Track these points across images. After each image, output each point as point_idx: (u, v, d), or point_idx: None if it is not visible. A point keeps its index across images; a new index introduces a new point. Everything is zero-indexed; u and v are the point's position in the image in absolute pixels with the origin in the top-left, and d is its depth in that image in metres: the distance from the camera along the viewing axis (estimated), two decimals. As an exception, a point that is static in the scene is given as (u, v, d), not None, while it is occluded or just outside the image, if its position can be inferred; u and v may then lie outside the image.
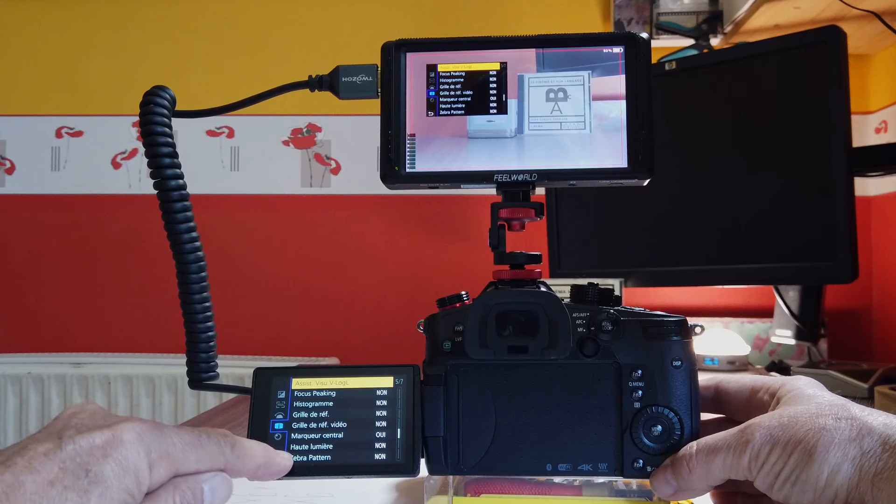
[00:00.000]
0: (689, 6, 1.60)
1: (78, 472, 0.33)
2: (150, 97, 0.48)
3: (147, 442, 0.36)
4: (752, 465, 0.40)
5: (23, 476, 0.32)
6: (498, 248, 0.47)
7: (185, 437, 0.38)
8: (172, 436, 0.38)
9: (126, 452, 0.35)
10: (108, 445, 0.35)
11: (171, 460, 0.37)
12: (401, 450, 0.45)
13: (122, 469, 0.34)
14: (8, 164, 1.83)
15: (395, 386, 0.47)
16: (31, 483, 0.32)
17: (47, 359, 1.66)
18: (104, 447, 0.34)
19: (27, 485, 0.32)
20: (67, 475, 0.33)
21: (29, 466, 0.32)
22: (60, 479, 0.33)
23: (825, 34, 0.99)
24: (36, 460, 0.33)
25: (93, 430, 0.35)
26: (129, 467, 0.35)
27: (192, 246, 0.48)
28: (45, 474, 0.32)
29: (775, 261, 1.05)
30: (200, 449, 0.38)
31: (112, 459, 0.34)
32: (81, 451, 0.34)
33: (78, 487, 0.33)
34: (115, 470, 0.34)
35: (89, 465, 0.34)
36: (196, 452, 0.38)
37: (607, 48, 0.47)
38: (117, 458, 0.34)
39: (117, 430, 0.35)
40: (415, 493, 0.57)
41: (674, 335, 0.46)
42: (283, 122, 1.79)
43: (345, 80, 0.49)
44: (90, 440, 0.34)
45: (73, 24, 1.82)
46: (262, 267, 1.78)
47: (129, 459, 0.35)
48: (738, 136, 1.11)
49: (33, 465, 0.33)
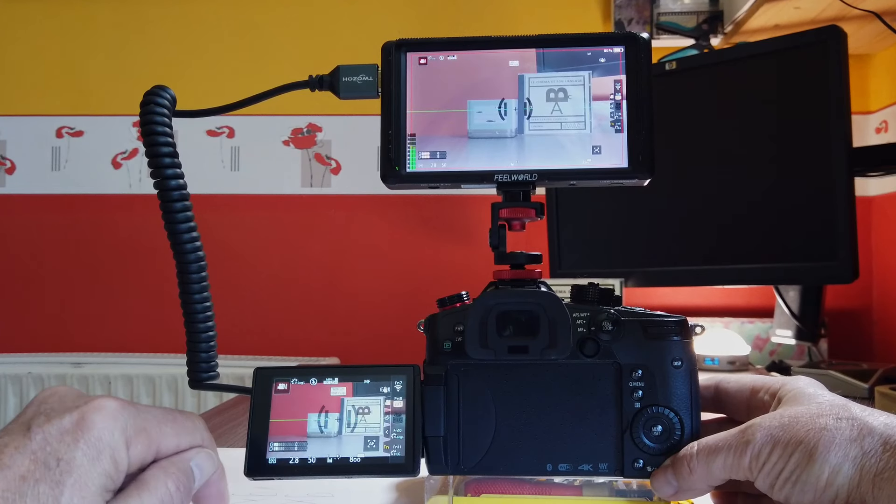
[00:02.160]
0: (689, 6, 1.60)
1: (49, 461, 0.32)
2: (151, 97, 0.48)
3: (121, 419, 0.35)
4: (753, 465, 0.40)
5: None
6: (498, 248, 0.47)
7: (158, 413, 0.37)
8: (146, 412, 0.36)
9: (98, 433, 0.33)
10: (78, 428, 0.33)
11: (148, 435, 0.36)
12: (401, 450, 0.45)
13: (96, 451, 0.33)
14: (8, 164, 1.83)
15: (395, 386, 0.47)
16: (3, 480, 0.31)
17: (47, 359, 1.66)
18: (74, 431, 0.33)
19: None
20: (38, 467, 0.32)
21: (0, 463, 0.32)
22: (32, 471, 0.31)
23: (825, 34, 0.99)
24: (7, 455, 0.32)
25: (62, 415, 0.34)
26: (104, 448, 0.33)
27: (193, 246, 0.48)
28: (15, 469, 0.31)
29: (775, 261, 1.05)
30: (175, 423, 0.37)
31: (83, 443, 0.33)
32: (51, 438, 0.33)
33: (50, 479, 0.32)
34: (88, 453, 0.33)
35: (60, 452, 0.32)
36: (172, 426, 0.37)
37: (608, 48, 0.47)
38: (89, 439, 0.33)
39: (86, 410, 0.34)
40: (415, 493, 0.57)
41: (674, 335, 0.46)
42: (284, 122, 1.79)
43: (345, 79, 0.49)
44: (59, 425, 0.33)
45: (73, 24, 1.83)
46: (263, 267, 1.78)
47: (103, 440, 0.33)
48: (738, 136, 1.11)
49: (4, 461, 0.32)
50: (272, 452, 0.45)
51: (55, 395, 0.36)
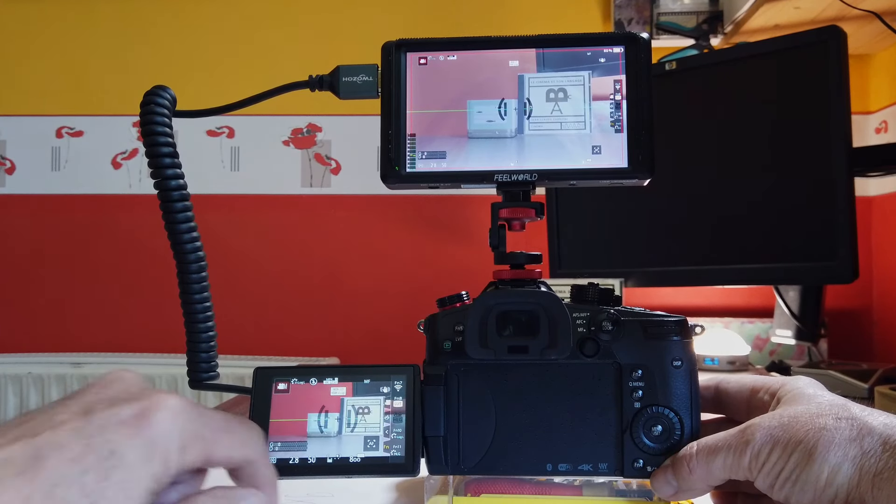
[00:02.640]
0: (689, 6, 1.60)
1: (102, 450, 0.31)
2: (151, 97, 0.48)
3: (180, 421, 0.33)
4: (753, 465, 0.40)
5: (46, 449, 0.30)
6: (498, 248, 0.47)
7: (218, 420, 0.36)
8: (206, 416, 0.35)
9: (156, 431, 0.32)
10: (138, 423, 0.32)
11: (204, 443, 0.34)
12: (401, 450, 0.45)
13: (150, 451, 0.32)
14: (8, 164, 1.83)
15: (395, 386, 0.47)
16: (55, 458, 0.30)
17: (47, 359, 1.66)
18: (132, 424, 0.32)
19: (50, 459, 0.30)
20: (90, 454, 0.30)
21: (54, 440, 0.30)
22: (83, 456, 0.30)
23: (825, 34, 0.99)
24: (62, 434, 0.31)
25: (124, 405, 0.33)
26: (158, 449, 0.32)
27: (193, 246, 0.48)
28: (68, 451, 0.30)
29: (775, 261, 1.05)
30: (232, 434, 0.36)
31: (139, 439, 0.32)
32: (108, 426, 0.31)
33: (98, 469, 0.30)
34: (141, 452, 0.32)
35: (114, 443, 0.31)
36: (228, 436, 0.36)
37: (607, 48, 0.47)
38: (145, 437, 0.32)
39: (149, 405, 0.33)
40: (415, 493, 0.57)
41: (674, 335, 0.46)
42: (284, 122, 1.79)
43: (345, 80, 0.49)
44: (118, 415, 0.32)
45: (73, 24, 1.83)
46: (263, 267, 1.78)
47: (159, 441, 0.32)
48: (738, 136, 1.11)
49: (58, 439, 0.30)
50: (272, 452, 0.45)
51: (121, 382, 0.35)
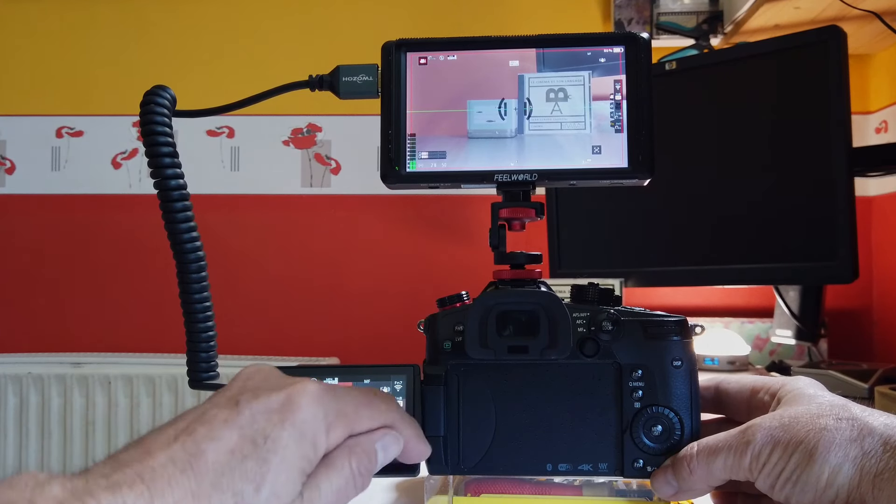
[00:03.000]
0: (689, 6, 1.60)
1: (256, 438, 0.32)
2: (151, 97, 0.48)
3: (324, 403, 0.35)
4: (753, 465, 0.40)
5: (204, 444, 0.31)
6: (498, 247, 0.47)
7: (356, 396, 0.37)
8: (345, 395, 0.37)
9: (303, 415, 0.34)
10: (285, 409, 0.34)
11: (346, 420, 0.36)
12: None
13: (300, 433, 0.34)
14: (8, 164, 1.83)
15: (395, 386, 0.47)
16: (213, 451, 0.31)
17: (47, 359, 1.66)
18: (281, 411, 0.34)
19: (209, 453, 0.31)
20: (246, 442, 0.32)
21: (209, 434, 0.32)
22: (240, 446, 0.32)
23: (825, 34, 0.99)
24: (216, 428, 0.32)
25: (269, 394, 0.34)
26: (307, 431, 0.34)
27: (193, 246, 0.48)
28: (225, 442, 0.32)
29: (775, 261, 1.05)
30: (371, 407, 0.38)
31: (289, 424, 0.33)
32: (258, 415, 0.33)
33: (257, 456, 0.32)
34: (293, 435, 0.33)
35: (267, 430, 0.33)
36: (368, 410, 0.37)
37: (607, 48, 0.47)
38: (294, 421, 0.34)
39: (293, 392, 0.34)
40: (415, 493, 0.57)
41: (674, 335, 0.46)
42: (284, 122, 1.79)
43: (345, 79, 0.49)
44: (266, 404, 0.34)
45: (73, 24, 1.82)
46: (263, 267, 1.78)
47: (307, 423, 0.34)
48: (738, 136, 1.11)
49: (214, 433, 0.32)
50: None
51: (260, 374, 0.37)
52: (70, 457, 1.63)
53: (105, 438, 1.62)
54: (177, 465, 0.30)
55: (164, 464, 0.30)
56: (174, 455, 0.31)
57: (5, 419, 1.63)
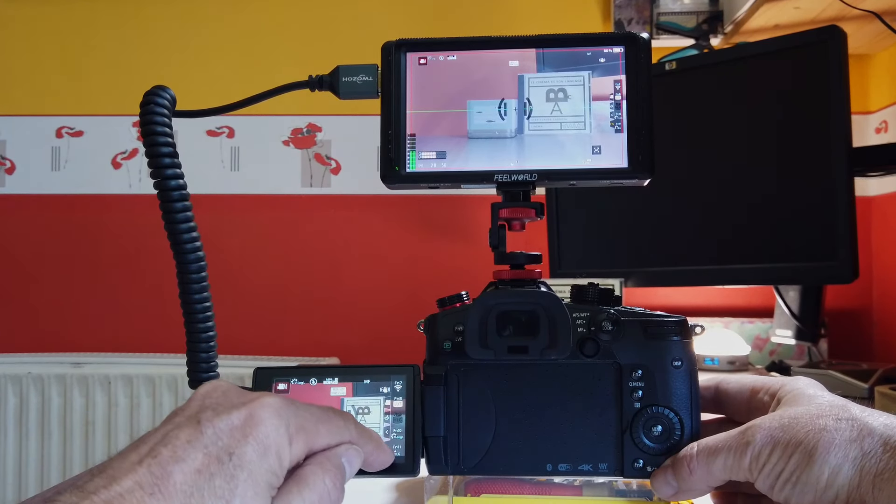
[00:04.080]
0: (689, 6, 1.60)
1: (222, 456, 0.32)
2: (151, 97, 0.48)
3: (284, 416, 0.35)
4: (753, 466, 0.40)
5: (170, 466, 0.31)
6: (498, 248, 0.47)
7: (314, 411, 0.38)
8: (303, 409, 0.37)
9: (266, 429, 0.34)
10: (247, 424, 0.34)
11: (306, 434, 0.36)
12: (401, 450, 0.45)
13: (264, 448, 0.34)
14: (8, 164, 1.83)
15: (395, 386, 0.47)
16: (179, 472, 0.31)
17: (47, 359, 1.66)
18: (243, 427, 0.34)
19: (175, 475, 0.31)
20: (212, 461, 0.32)
21: (174, 456, 0.32)
22: (206, 465, 0.32)
23: (825, 34, 0.99)
24: (180, 448, 0.32)
25: (230, 411, 0.34)
26: (271, 445, 0.34)
27: (193, 246, 0.48)
28: (191, 462, 0.32)
29: (775, 261, 1.05)
30: (329, 423, 0.38)
31: (252, 438, 0.33)
32: (222, 433, 0.33)
33: (224, 473, 0.32)
34: (258, 450, 0.33)
35: (231, 447, 0.33)
36: (326, 426, 0.38)
37: (607, 48, 0.47)
38: (257, 436, 0.34)
39: (254, 407, 0.35)
40: (415, 493, 0.57)
41: (674, 335, 0.46)
42: (283, 122, 1.79)
43: (345, 80, 0.49)
44: (228, 421, 0.34)
45: (73, 24, 1.82)
46: (263, 267, 1.78)
47: (270, 437, 0.34)
48: (738, 137, 1.11)
49: (178, 454, 0.32)
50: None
51: (217, 390, 0.36)
52: (70, 457, 1.63)
53: (105, 438, 1.63)
54: (144, 490, 0.30)
55: (131, 489, 0.30)
56: (140, 479, 0.31)
57: (5, 419, 1.63)
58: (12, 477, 1.63)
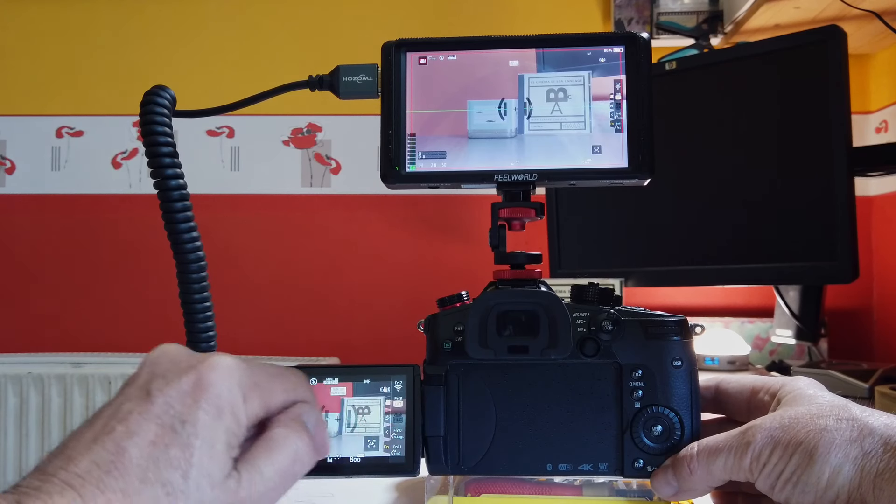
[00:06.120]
0: (689, 6, 1.60)
1: (175, 425, 0.32)
2: (151, 97, 0.48)
3: (236, 375, 0.35)
4: (754, 466, 0.40)
5: (124, 441, 0.31)
6: (498, 247, 0.47)
7: (267, 369, 0.37)
8: (256, 368, 0.37)
9: (217, 390, 0.34)
10: (197, 389, 0.33)
11: (260, 391, 0.36)
12: (401, 450, 0.45)
13: (217, 410, 0.33)
14: (8, 164, 1.83)
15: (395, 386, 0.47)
16: (134, 447, 0.31)
17: (47, 359, 1.66)
18: (193, 392, 0.33)
19: (130, 449, 0.31)
20: (166, 431, 0.32)
21: (127, 430, 0.32)
22: (160, 436, 0.32)
23: (825, 34, 0.99)
24: (133, 422, 0.32)
25: (179, 376, 0.34)
26: (224, 406, 0.34)
27: (193, 246, 0.48)
28: (144, 435, 0.32)
29: (775, 261, 1.05)
30: (283, 379, 0.38)
31: (204, 402, 0.33)
32: (172, 401, 0.33)
33: (179, 442, 0.32)
34: (210, 412, 0.33)
35: (183, 415, 0.33)
36: (280, 382, 0.37)
37: (607, 48, 0.47)
38: (208, 398, 0.33)
39: (202, 369, 0.34)
40: (415, 493, 0.57)
41: (674, 335, 0.46)
42: (284, 121, 1.79)
43: (345, 79, 0.49)
44: (178, 388, 0.33)
45: (73, 24, 1.82)
46: (263, 267, 1.78)
47: (222, 397, 0.34)
48: (738, 136, 1.11)
49: (131, 428, 0.32)
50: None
51: (165, 356, 0.36)
52: (70, 457, 1.63)
53: (105, 438, 1.62)
54: (101, 468, 0.30)
55: (88, 469, 0.30)
56: (96, 457, 0.31)
57: (5, 419, 1.63)
58: (12, 477, 1.63)
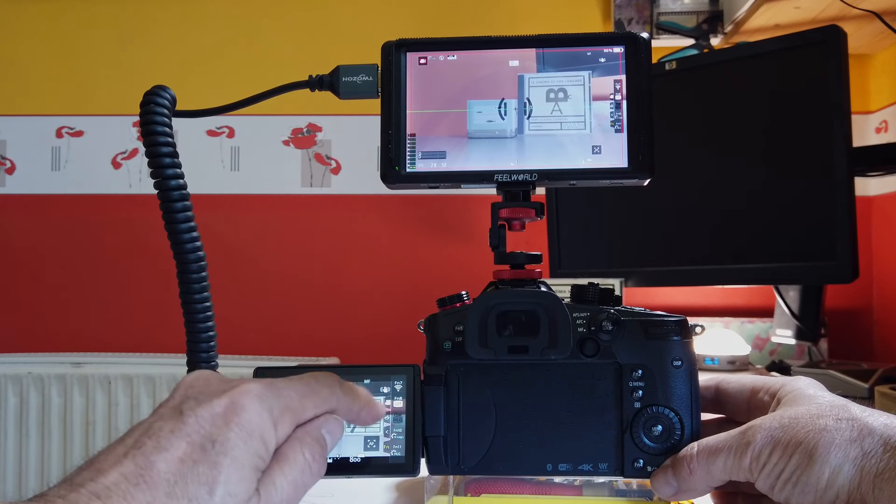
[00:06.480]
0: (689, 6, 1.60)
1: (205, 444, 0.33)
2: (151, 97, 0.48)
3: (267, 401, 0.36)
4: (753, 466, 0.40)
5: (153, 456, 0.32)
6: (498, 247, 0.47)
7: (298, 387, 0.38)
8: (287, 389, 0.37)
9: (248, 416, 0.34)
10: (229, 412, 0.34)
11: (292, 413, 0.37)
12: (401, 450, 0.45)
13: (248, 433, 0.34)
14: (8, 164, 1.83)
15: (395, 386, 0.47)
16: (163, 462, 0.32)
17: (47, 359, 1.66)
18: (225, 414, 0.34)
19: (159, 464, 0.32)
20: (195, 449, 0.33)
21: (157, 446, 0.32)
22: (189, 453, 0.32)
23: (825, 34, 0.99)
24: (163, 439, 0.33)
25: (211, 399, 0.35)
26: (254, 430, 0.34)
27: (193, 246, 0.48)
28: (174, 451, 0.32)
29: (775, 261, 1.05)
30: (314, 396, 0.38)
31: (235, 425, 0.34)
32: (204, 421, 0.34)
33: (207, 460, 0.33)
34: (241, 435, 0.34)
35: (214, 435, 0.33)
36: (311, 399, 0.38)
37: (607, 48, 0.47)
38: (239, 422, 0.34)
39: (235, 395, 0.35)
40: (415, 493, 0.57)
41: (674, 335, 0.46)
42: (284, 122, 1.79)
43: (345, 79, 0.49)
44: (210, 410, 0.34)
45: (73, 24, 1.82)
46: (263, 267, 1.78)
47: (253, 422, 0.34)
48: (738, 136, 1.11)
49: (161, 444, 0.32)
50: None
51: (200, 380, 0.37)
52: (70, 457, 1.63)
53: (105, 438, 1.62)
54: (129, 481, 0.31)
55: (116, 481, 0.31)
56: (125, 471, 0.31)
57: (5, 419, 1.63)
58: (12, 477, 1.63)
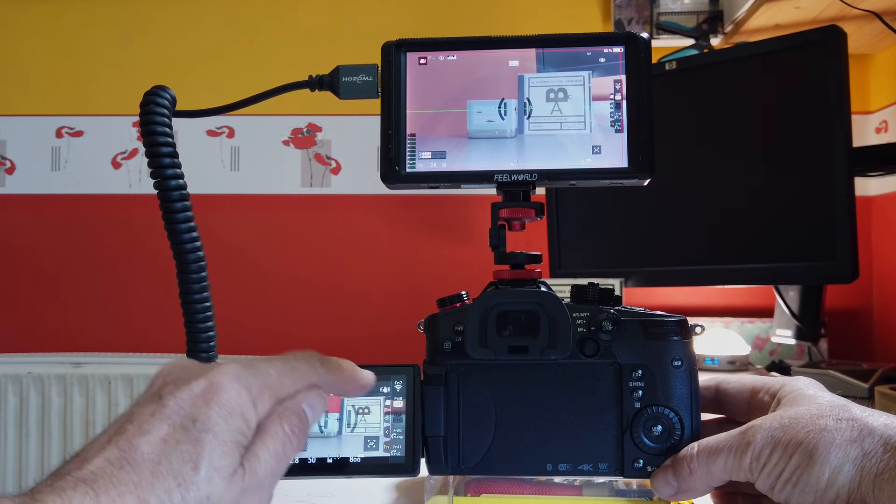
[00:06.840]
0: (689, 6, 1.60)
1: (186, 423, 0.34)
2: (151, 97, 0.48)
3: (245, 380, 0.36)
4: (753, 466, 0.40)
5: (136, 439, 0.33)
6: (498, 247, 0.47)
7: (277, 365, 0.39)
8: (265, 367, 0.38)
9: (227, 395, 0.35)
10: (208, 392, 0.35)
11: (271, 390, 0.37)
12: (401, 450, 0.45)
13: (228, 410, 0.35)
14: (8, 164, 1.83)
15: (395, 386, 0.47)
16: (146, 444, 0.33)
17: (47, 359, 1.66)
18: (204, 395, 0.35)
19: (142, 446, 0.33)
20: (177, 429, 0.33)
21: (139, 430, 0.33)
22: (171, 434, 0.33)
23: (825, 34, 0.99)
24: (145, 422, 0.33)
25: (189, 382, 0.35)
26: (234, 408, 0.35)
27: (193, 246, 0.48)
28: (156, 433, 0.33)
29: (775, 261, 1.05)
30: (293, 372, 0.39)
31: (215, 403, 0.35)
32: (184, 402, 0.34)
33: (190, 438, 0.33)
34: (221, 413, 0.35)
35: (194, 414, 0.34)
36: (290, 376, 0.39)
37: (607, 48, 0.47)
38: (219, 401, 0.35)
39: (212, 376, 0.36)
40: (415, 493, 0.57)
41: (674, 335, 0.46)
42: (284, 122, 1.79)
43: (345, 79, 0.49)
44: (189, 392, 0.35)
45: (73, 24, 1.82)
46: (263, 267, 1.78)
47: (232, 401, 0.35)
48: (738, 136, 1.11)
49: (143, 428, 0.33)
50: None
51: (178, 366, 0.38)
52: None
53: (105, 438, 1.62)
54: (114, 464, 0.32)
55: (101, 466, 0.32)
56: (109, 456, 0.32)
57: (5, 419, 1.63)
58: (12, 477, 1.63)
